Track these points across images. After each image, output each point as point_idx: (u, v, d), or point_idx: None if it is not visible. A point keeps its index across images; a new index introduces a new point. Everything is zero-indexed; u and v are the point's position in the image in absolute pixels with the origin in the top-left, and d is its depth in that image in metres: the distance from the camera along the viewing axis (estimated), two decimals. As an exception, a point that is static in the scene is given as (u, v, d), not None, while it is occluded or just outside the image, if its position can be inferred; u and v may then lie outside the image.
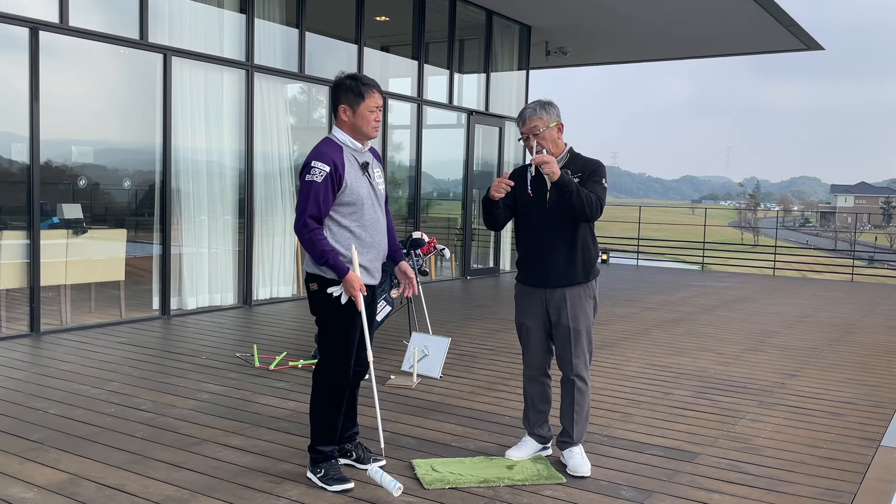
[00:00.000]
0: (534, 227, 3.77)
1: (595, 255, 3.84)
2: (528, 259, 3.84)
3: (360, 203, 3.48)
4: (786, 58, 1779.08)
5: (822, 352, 6.97)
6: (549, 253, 3.74)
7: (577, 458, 3.77)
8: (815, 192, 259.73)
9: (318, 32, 9.59)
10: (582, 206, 3.57)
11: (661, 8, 11.64)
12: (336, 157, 3.42)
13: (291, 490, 3.46)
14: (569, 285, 3.74)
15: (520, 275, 3.92)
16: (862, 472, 3.89)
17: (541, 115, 3.73)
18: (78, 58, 7.17)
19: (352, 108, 3.47)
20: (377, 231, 3.56)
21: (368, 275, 3.57)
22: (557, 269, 3.73)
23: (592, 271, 3.80)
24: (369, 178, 3.55)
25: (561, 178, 3.55)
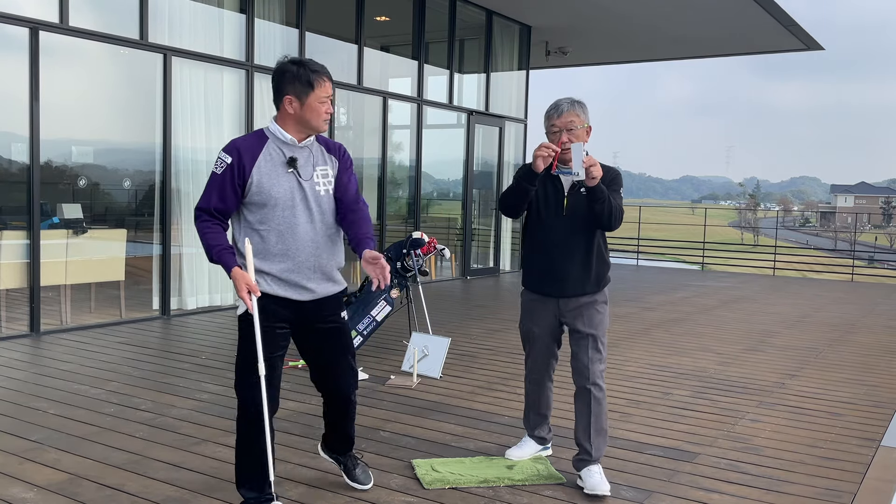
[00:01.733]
0: (548, 232, 3.57)
1: (609, 264, 3.70)
2: (539, 267, 3.63)
3: (271, 204, 3.00)
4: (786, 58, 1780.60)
5: (822, 352, 6.97)
6: (565, 261, 3.55)
7: (596, 478, 3.49)
8: (815, 192, 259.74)
9: (318, 32, 9.59)
10: (610, 216, 3.42)
11: (661, 8, 11.64)
12: (247, 148, 3.00)
13: (291, 490, 3.46)
14: (583, 295, 3.58)
15: (529, 282, 3.71)
16: (862, 472, 3.89)
17: (578, 111, 3.51)
18: (78, 58, 7.17)
19: (299, 99, 3.01)
20: (294, 238, 3.04)
21: (283, 286, 3.07)
22: (573, 279, 3.55)
23: (605, 279, 3.66)
24: (297, 176, 3.04)
25: (598, 186, 3.37)
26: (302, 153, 3.07)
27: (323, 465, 3.79)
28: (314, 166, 3.10)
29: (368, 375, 5.56)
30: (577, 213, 3.52)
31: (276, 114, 3.08)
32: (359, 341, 5.98)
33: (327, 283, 3.15)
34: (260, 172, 2.99)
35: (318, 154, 3.14)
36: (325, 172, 3.13)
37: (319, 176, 3.10)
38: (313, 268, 3.09)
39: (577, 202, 3.51)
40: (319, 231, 3.09)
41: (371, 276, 3.04)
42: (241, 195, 3.01)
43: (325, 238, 3.11)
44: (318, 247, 3.08)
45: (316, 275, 3.10)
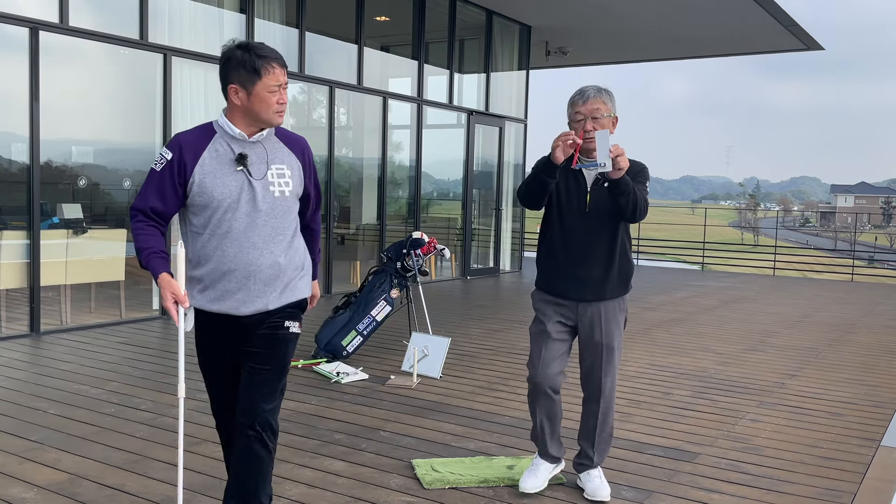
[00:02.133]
0: (569, 231, 3.31)
1: (633, 264, 3.46)
2: (558, 268, 3.36)
3: (213, 206, 2.66)
4: (786, 58, 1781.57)
5: (822, 352, 6.97)
6: (586, 263, 3.30)
7: (596, 482, 3.47)
8: (815, 192, 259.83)
9: (318, 32, 9.59)
10: (635, 208, 3.17)
11: (660, 8, 11.64)
12: (190, 144, 2.67)
13: (292, 490, 3.46)
14: (605, 299, 3.35)
15: (544, 283, 3.43)
16: (862, 472, 3.89)
17: (605, 99, 3.26)
18: (78, 58, 7.17)
19: (245, 88, 2.64)
20: (239, 245, 2.68)
21: (221, 300, 2.72)
22: (594, 282, 3.31)
23: (629, 282, 3.43)
24: (247, 174, 2.68)
25: (624, 178, 3.11)
26: (254, 149, 2.72)
27: (323, 464, 3.79)
28: (269, 164, 2.73)
29: (368, 375, 5.56)
30: (601, 211, 3.27)
31: (226, 105, 2.73)
32: (359, 341, 5.98)
33: (279, 294, 2.78)
34: (203, 171, 2.65)
35: (275, 151, 2.77)
36: (282, 172, 2.75)
37: (275, 175, 2.73)
38: (260, 279, 2.72)
39: (600, 198, 3.26)
40: (270, 237, 2.71)
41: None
42: (182, 196, 2.68)
43: (278, 245, 2.74)
44: (267, 255, 2.71)
45: (263, 287, 2.74)
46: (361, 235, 10.89)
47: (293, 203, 2.80)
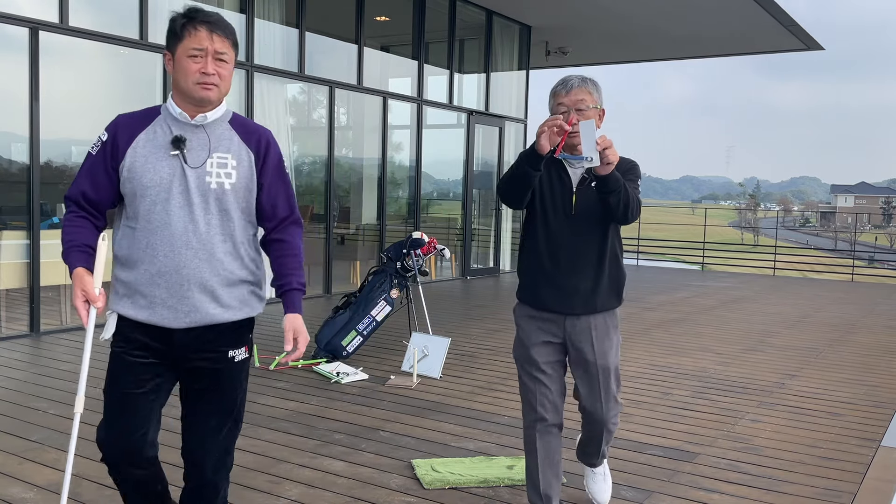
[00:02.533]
0: (554, 236, 2.94)
1: (625, 272, 3.08)
2: (541, 277, 2.98)
3: (142, 194, 2.32)
4: (786, 58, 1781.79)
5: (822, 352, 6.97)
6: (573, 271, 2.93)
7: (600, 483, 3.34)
8: (815, 192, 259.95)
9: (318, 32, 9.59)
10: (626, 208, 2.80)
11: (661, 8, 11.64)
12: (127, 124, 2.37)
13: (291, 490, 3.46)
14: (595, 312, 2.97)
15: (526, 295, 3.04)
16: (862, 472, 3.89)
17: (590, 89, 2.90)
18: (78, 58, 7.17)
19: (173, 55, 2.32)
20: (164, 241, 2.31)
21: (142, 304, 2.36)
22: (582, 293, 2.94)
23: (622, 293, 3.06)
24: (182, 160, 2.32)
25: (613, 174, 2.75)
26: (196, 134, 2.35)
27: (323, 464, 3.79)
28: (210, 152, 2.35)
29: (368, 375, 5.56)
30: (589, 213, 2.91)
31: None
32: (359, 341, 5.98)
33: (211, 306, 2.34)
34: (135, 153, 2.33)
35: (222, 138, 2.38)
36: (225, 163, 2.35)
37: (215, 165, 2.34)
38: (189, 283, 2.31)
39: (588, 199, 2.90)
40: (205, 235, 2.32)
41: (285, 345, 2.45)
42: (116, 182, 2.38)
43: (219, 247, 2.34)
44: (200, 256, 2.31)
45: (192, 293, 2.32)
46: (361, 235, 10.89)
47: (236, 200, 2.37)
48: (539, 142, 2.71)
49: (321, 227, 9.84)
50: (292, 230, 2.51)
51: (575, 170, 2.94)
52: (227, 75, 2.35)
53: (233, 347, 2.43)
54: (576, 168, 2.93)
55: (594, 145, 2.62)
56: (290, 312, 2.46)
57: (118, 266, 2.44)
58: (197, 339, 2.36)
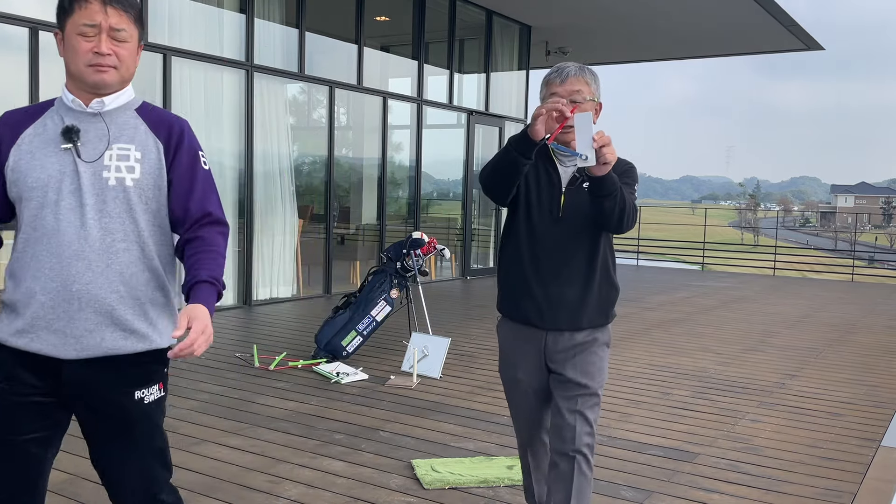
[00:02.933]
0: (539, 240, 2.61)
1: (618, 287, 2.72)
2: (523, 287, 2.64)
3: (27, 197, 1.92)
4: (786, 58, 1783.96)
5: (822, 352, 6.97)
6: (559, 281, 2.59)
7: None
8: (815, 192, 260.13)
9: (318, 32, 9.59)
10: (622, 214, 2.46)
11: (661, 8, 11.64)
12: (16, 119, 2.04)
13: (291, 490, 3.46)
14: (582, 329, 2.62)
15: (507, 307, 2.71)
16: (862, 472, 3.89)
17: (588, 79, 2.58)
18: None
19: (62, 32, 1.96)
20: (51, 253, 1.89)
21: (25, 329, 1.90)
22: (568, 305, 2.60)
23: (612, 309, 2.72)
24: (75, 154, 1.93)
25: (609, 175, 2.40)
26: (93, 124, 1.97)
27: (323, 464, 3.79)
28: (110, 143, 1.96)
29: (368, 375, 5.56)
30: (579, 216, 2.58)
31: None
32: (359, 341, 5.98)
33: (109, 331, 1.91)
34: (20, 151, 1.96)
35: (125, 127, 1.99)
36: (126, 154, 1.95)
37: (115, 158, 1.94)
38: (81, 302, 1.88)
39: (578, 201, 2.58)
40: (101, 242, 1.90)
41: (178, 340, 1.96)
42: (3, 185, 1.98)
43: (118, 258, 1.92)
44: (94, 268, 1.89)
45: (85, 315, 1.89)
46: (361, 235, 10.89)
47: (142, 200, 1.96)
48: (534, 126, 2.35)
49: (321, 227, 9.84)
50: (209, 228, 2.05)
51: (566, 167, 2.62)
52: (128, 56, 1.95)
53: (141, 386, 1.96)
54: (567, 166, 2.62)
55: (590, 142, 2.30)
56: (192, 303, 1.94)
57: (7, 284, 1.97)
58: (93, 374, 1.91)
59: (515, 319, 2.69)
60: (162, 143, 2.02)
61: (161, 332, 1.99)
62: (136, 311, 1.95)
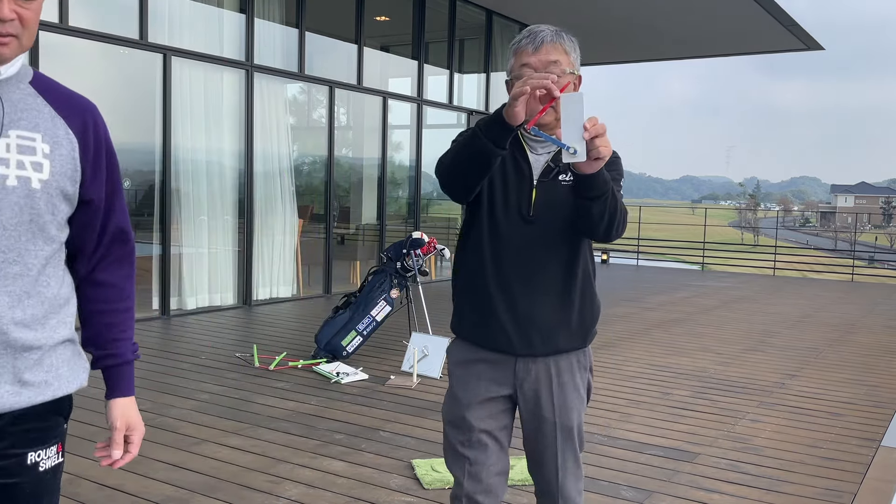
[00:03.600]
0: (504, 245, 2.12)
1: (599, 303, 2.25)
2: (486, 302, 2.13)
3: None
4: (786, 58, 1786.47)
5: (822, 352, 6.97)
6: (530, 295, 2.11)
7: None
8: (815, 192, 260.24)
9: (318, 32, 9.59)
10: (612, 222, 2.01)
11: (661, 8, 11.64)
12: None
13: (291, 490, 3.46)
14: (557, 353, 2.15)
15: (465, 328, 2.21)
16: (862, 472, 3.89)
17: (566, 47, 2.09)
18: (78, 58, 7.17)
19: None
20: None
21: None
22: (542, 325, 2.11)
23: (593, 329, 2.23)
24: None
25: (601, 173, 1.92)
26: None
27: (323, 464, 3.79)
28: (4, 128, 1.44)
29: (368, 375, 5.56)
30: (554, 215, 2.10)
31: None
32: (359, 341, 5.98)
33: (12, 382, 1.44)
34: None
35: (23, 108, 1.48)
36: (30, 145, 1.45)
37: (13, 148, 1.43)
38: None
39: (553, 196, 2.11)
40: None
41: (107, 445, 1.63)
42: None
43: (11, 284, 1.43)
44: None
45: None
46: (361, 235, 10.89)
47: (48, 207, 1.47)
48: (513, 108, 1.85)
49: (321, 227, 9.84)
50: (121, 261, 1.63)
51: (537, 155, 2.14)
52: (33, 18, 1.46)
53: (35, 447, 1.50)
54: (539, 153, 2.14)
55: (580, 131, 1.79)
56: (119, 396, 1.60)
57: None
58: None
59: (475, 343, 2.17)
60: (76, 137, 1.51)
61: (64, 378, 1.52)
62: (32, 353, 1.46)
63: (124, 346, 1.63)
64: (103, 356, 1.62)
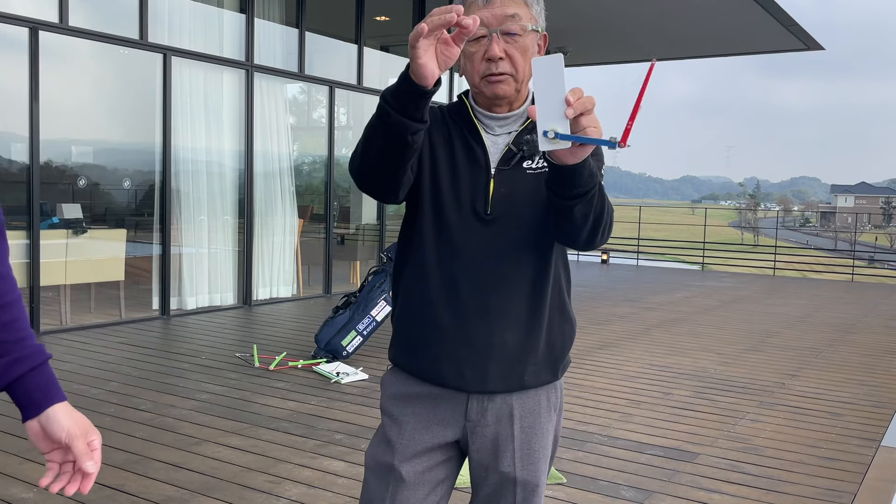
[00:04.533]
0: (456, 252, 1.67)
1: (574, 322, 1.79)
2: (432, 324, 1.69)
3: None
4: (786, 58, 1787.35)
5: (822, 352, 6.97)
6: (488, 315, 1.66)
7: None
8: (815, 192, 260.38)
9: (318, 32, 9.59)
10: (595, 227, 1.55)
11: (661, 8, 11.64)
12: None
13: (291, 490, 3.46)
14: (522, 389, 1.70)
15: (404, 356, 1.75)
16: (862, 472, 3.89)
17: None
18: (78, 58, 7.17)
19: None
20: None
21: None
22: (504, 354, 1.67)
23: (567, 357, 1.78)
24: None
25: (586, 163, 1.43)
26: None
27: (323, 464, 3.79)
28: None
29: (368, 375, 5.56)
30: (519, 213, 1.66)
31: None
32: (359, 341, 5.98)
33: None
34: None
35: None
36: None
37: None
38: None
39: (517, 188, 1.67)
40: None
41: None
42: None
43: None
44: None
45: None
46: (361, 235, 10.89)
47: None
48: (417, 59, 1.39)
49: (321, 227, 9.84)
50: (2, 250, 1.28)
51: (495, 136, 1.70)
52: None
53: None
54: (496, 133, 1.70)
55: (561, 106, 1.33)
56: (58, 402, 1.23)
57: None
58: None
59: (416, 375, 1.72)
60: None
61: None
62: None
63: (28, 346, 1.23)
64: (12, 363, 1.20)
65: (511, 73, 1.62)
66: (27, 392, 1.21)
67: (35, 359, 1.22)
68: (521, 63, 1.63)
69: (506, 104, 1.68)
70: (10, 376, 1.20)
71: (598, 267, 15.05)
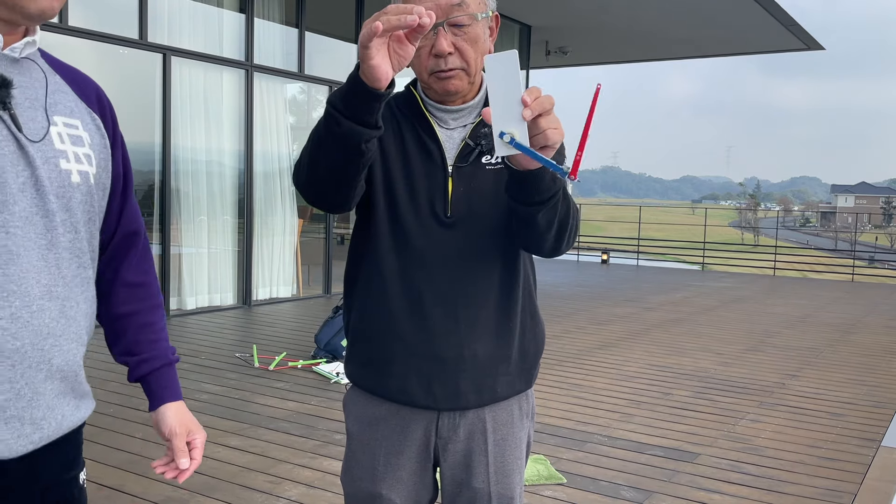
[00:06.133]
0: (415, 259, 1.55)
1: (544, 329, 1.70)
2: (392, 338, 1.57)
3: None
4: (787, 57, 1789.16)
5: (822, 352, 6.97)
6: (455, 326, 1.55)
7: None
8: (815, 192, 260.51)
9: (318, 32, 9.59)
10: (560, 234, 1.47)
11: (661, 7, 11.64)
12: None
13: (291, 490, 3.46)
14: (494, 402, 1.62)
15: (363, 374, 1.64)
16: (862, 472, 3.89)
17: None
18: (78, 58, 7.16)
19: None
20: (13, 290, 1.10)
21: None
22: (473, 366, 1.57)
23: (537, 365, 1.70)
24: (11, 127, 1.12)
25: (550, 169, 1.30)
26: (26, 74, 1.21)
27: (323, 464, 3.79)
28: (48, 112, 1.20)
29: (368, 375, 5.55)
30: (481, 212, 1.55)
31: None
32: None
33: (69, 401, 1.24)
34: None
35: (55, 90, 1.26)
36: (76, 134, 1.23)
37: (67, 139, 1.21)
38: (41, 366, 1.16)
39: (477, 185, 1.56)
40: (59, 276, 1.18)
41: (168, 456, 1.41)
42: None
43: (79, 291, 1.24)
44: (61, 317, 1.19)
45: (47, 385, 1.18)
46: (361, 235, 10.89)
47: (99, 205, 1.29)
48: (368, 60, 1.23)
49: (321, 227, 9.84)
50: (149, 260, 1.48)
51: (449, 130, 1.59)
52: None
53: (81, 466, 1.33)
54: (451, 127, 1.59)
55: (517, 108, 1.22)
56: (171, 401, 1.43)
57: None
58: (34, 467, 1.20)
59: (379, 394, 1.62)
60: (98, 118, 1.30)
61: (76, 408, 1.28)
62: (81, 368, 1.28)
63: (161, 348, 1.44)
64: (141, 361, 1.43)
65: (462, 68, 1.50)
66: (150, 389, 1.45)
67: (158, 361, 1.44)
68: (472, 55, 1.50)
69: (459, 97, 1.57)
70: (136, 374, 1.44)
71: (598, 267, 15.05)
